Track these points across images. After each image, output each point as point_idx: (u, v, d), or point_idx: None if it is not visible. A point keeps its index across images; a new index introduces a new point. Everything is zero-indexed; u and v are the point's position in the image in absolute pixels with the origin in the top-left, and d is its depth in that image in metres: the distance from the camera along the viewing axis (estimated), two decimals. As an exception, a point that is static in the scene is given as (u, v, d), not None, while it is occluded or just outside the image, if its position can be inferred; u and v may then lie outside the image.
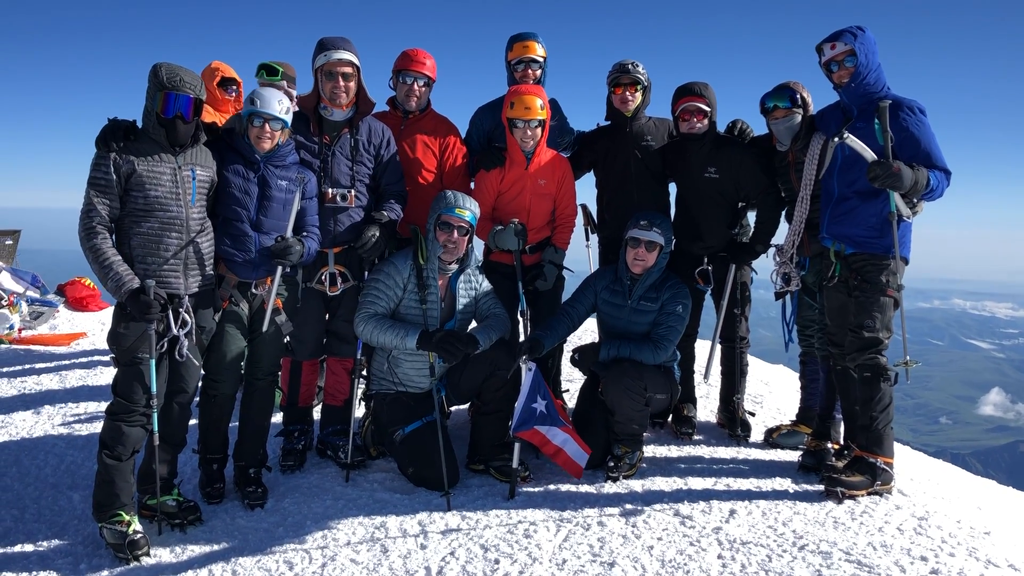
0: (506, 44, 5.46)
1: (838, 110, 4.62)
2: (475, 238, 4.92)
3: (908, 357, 4.34)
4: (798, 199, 4.84)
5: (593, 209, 5.87)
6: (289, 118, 4.31)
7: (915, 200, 4.31)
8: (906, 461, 5.23)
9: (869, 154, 4.19)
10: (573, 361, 5.02)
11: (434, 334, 4.63)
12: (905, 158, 4.21)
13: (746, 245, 5.26)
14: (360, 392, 5.11)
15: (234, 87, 6.44)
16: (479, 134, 5.50)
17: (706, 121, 5.06)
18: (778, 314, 5.32)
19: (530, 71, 5.35)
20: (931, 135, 4.27)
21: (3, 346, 8.39)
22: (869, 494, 4.34)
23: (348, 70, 4.64)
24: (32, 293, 9.59)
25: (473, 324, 5.07)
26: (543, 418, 4.53)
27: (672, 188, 5.54)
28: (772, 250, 5.17)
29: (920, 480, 4.86)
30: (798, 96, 4.82)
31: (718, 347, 5.43)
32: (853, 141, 4.22)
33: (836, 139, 4.28)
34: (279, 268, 4.31)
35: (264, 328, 4.39)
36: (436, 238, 4.74)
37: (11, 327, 8.64)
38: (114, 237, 3.96)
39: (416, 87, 5.08)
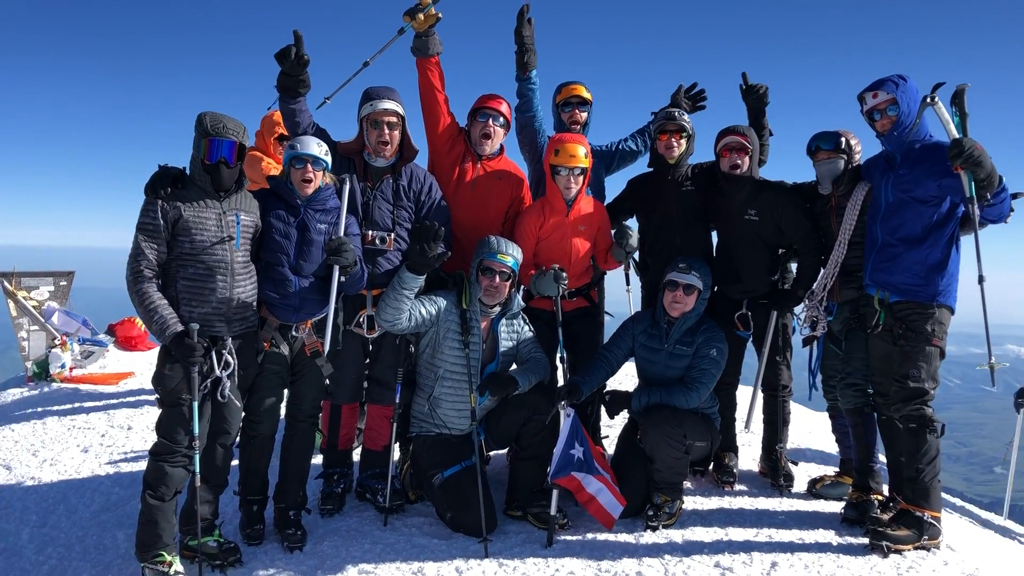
0: (554, 90, 5.60)
1: (882, 159, 4.60)
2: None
3: (993, 359, 4.17)
4: (836, 243, 4.81)
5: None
6: (329, 160, 4.40)
7: (988, 196, 4.16)
8: (956, 513, 5.09)
9: (952, 130, 4.11)
10: (604, 403, 5.00)
11: (423, 241, 4.49)
12: (957, 199, 4.17)
13: (788, 292, 5.22)
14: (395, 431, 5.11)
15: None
16: None
17: (748, 160, 5.06)
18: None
19: (577, 112, 5.49)
20: None
21: (54, 384, 8.59)
22: (916, 549, 4.22)
23: (393, 119, 4.73)
24: (83, 333, 9.82)
25: (513, 367, 5.08)
26: (580, 464, 4.51)
27: (714, 235, 5.53)
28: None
29: (970, 534, 4.72)
30: (843, 141, 4.81)
31: (760, 395, 5.37)
32: (941, 109, 4.14)
33: (928, 100, 4.16)
34: (336, 271, 4.32)
35: (326, 347, 4.41)
36: (478, 282, 4.79)
37: (63, 366, 8.85)
38: (160, 281, 4.04)
39: (492, 124, 5.11)
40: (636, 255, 5.87)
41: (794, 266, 5.37)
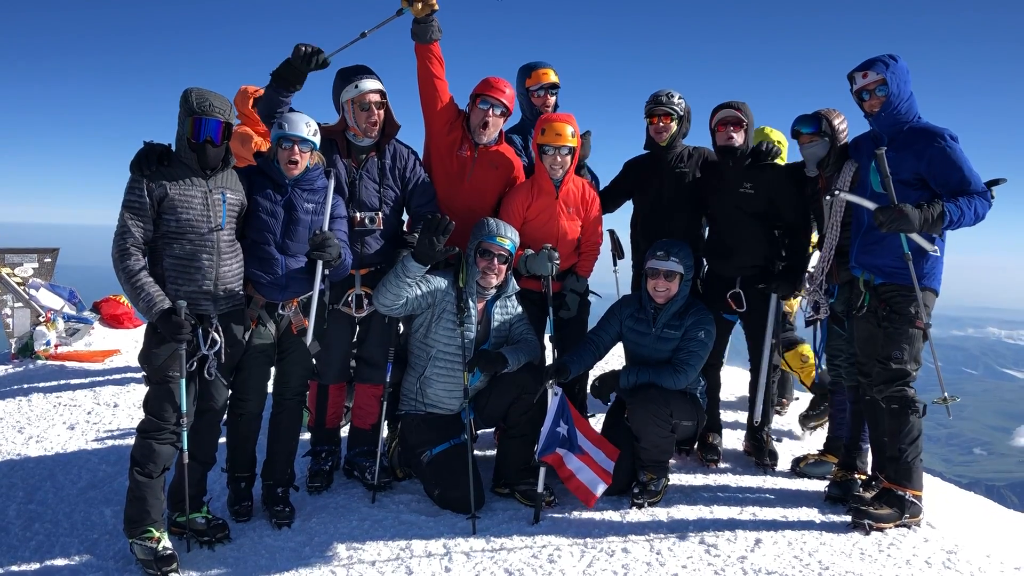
0: (521, 73, 5.61)
1: (870, 139, 4.62)
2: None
3: (947, 393, 4.29)
4: (827, 226, 4.84)
5: (626, 234, 5.90)
6: (317, 140, 4.37)
7: (938, 235, 4.28)
8: (936, 493, 5.16)
9: (869, 204, 4.24)
10: (593, 389, 5.03)
11: (433, 234, 4.46)
12: (937, 187, 4.22)
13: (789, 275, 5.19)
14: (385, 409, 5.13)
15: None
16: None
17: (743, 133, 5.08)
18: (809, 339, 5.29)
19: (549, 96, 5.52)
20: (962, 160, 4.23)
21: (40, 362, 8.55)
22: (897, 526, 4.29)
23: (378, 98, 4.71)
24: (69, 310, 9.76)
25: (504, 347, 5.09)
26: (564, 441, 4.55)
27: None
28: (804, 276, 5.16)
29: (950, 512, 4.80)
30: (824, 123, 4.82)
31: (763, 381, 5.27)
32: (848, 196, 4.36)
33: (828, 197, 4.37)
34: (318, 265, 4.31)
35: (309, 340, 4.42)
36: (476, 263, 4.79)
37: (48, 343, 8.80)
38: (146, 259, 4.03)
39: (491, 113, 5.03)
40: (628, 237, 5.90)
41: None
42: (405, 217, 5.17)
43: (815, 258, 5.17)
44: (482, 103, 5.04)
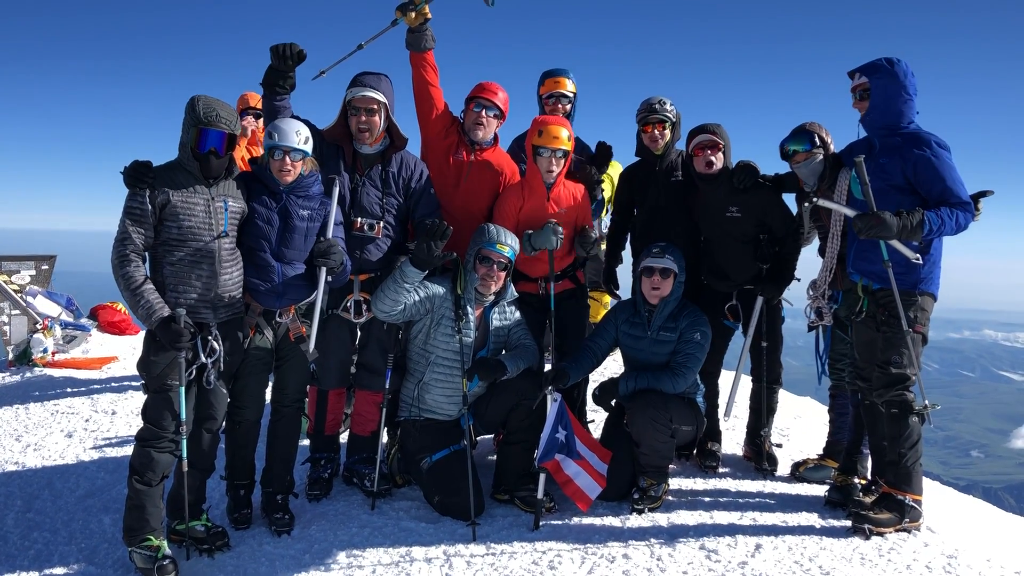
0: (539, 79, 5.62)
1: (864, 145, 4.63)
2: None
3: (927, 401, 4.30)
4: (829, 235, 4.86)
5: None
6: (309, 148, 4.35)
7: (917, 244, 4.28)
8: (936, 497, 5.17)
9: (847, 211, 4.26)
10: (594, 398, 5.04)
11: (431, 239, 4.50)
12: (923, 194, 4.24)
13: (775, 277, 5.19)
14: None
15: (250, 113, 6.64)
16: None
17: (721, 156, 5.07)
18: (807, 344, 5.29)
19: (560, 105, 5.52)
20: (946, 170, 4.24)
21: (37, 369, 8.54)
22: (897, 531, 4.29)
23: (373, 107, 4.72)
24: (66, 317, 9.75)
25: (503, 353, 5.09)
26: (562, 447, 4.55)
27: None
28: (807, 283, 5.16)
29: (950, 516, 4.80)
30: (816, 137, 4.82)
31: (741, 381, 5.32)
32: (825, 202, 4.41)
33: (806, 204, 4.41)
34: (323, 272, 4.34)
35: (311, 347, 4.41)
36: (475, 270, 4.80)
37: (45, 350, 8.79)
38: (147, 265, 4.02)
39: (484, 115, 5.08)
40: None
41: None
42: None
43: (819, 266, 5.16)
44: (476, 106, 5.10)
